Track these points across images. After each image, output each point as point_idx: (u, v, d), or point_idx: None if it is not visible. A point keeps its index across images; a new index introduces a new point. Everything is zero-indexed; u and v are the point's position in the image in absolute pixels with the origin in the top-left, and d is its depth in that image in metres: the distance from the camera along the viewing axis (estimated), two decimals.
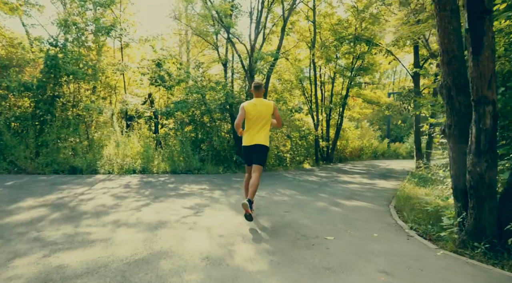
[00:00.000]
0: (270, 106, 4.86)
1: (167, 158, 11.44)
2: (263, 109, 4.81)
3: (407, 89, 16.25)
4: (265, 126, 4.87)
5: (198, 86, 13.13)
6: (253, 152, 4.89)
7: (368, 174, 12.83)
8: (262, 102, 4.88)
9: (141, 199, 6.21)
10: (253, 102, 4.89)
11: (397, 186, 9.31)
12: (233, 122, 13.87)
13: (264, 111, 4.82)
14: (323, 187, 8.57)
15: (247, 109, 4.84)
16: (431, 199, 6.08)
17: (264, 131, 4.88)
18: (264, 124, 4.85)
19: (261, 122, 4.83)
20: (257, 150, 4.85)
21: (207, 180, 9.26)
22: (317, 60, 17.71)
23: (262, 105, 4.84)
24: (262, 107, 4.82)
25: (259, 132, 4.84)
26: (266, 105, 4.85)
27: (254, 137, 4.85)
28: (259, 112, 4.80)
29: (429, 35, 13.54)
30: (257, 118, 4.82)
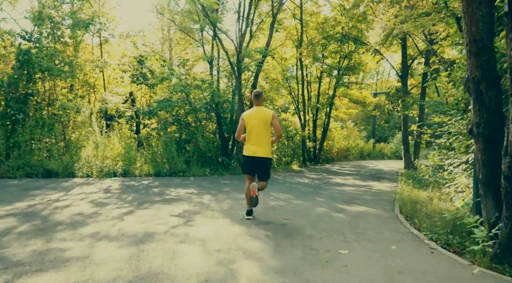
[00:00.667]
0: (269, 115, 4.80)
1: (150, 160, 10.81)
2: (262, 118, 4.77)
3: (396, 88, 16.07)
4: (265, 135, 4.81)
5: (182, 84, 12.53)
6: (257, 166, 4.88)
7: (359, 176, 12.51)
8: (261, 110, 4.84)
9: (123, 206, 5.62)
10: (252, 111, 4.88)
11: (394, 188, 8.99)
12: (219, 121, 13.40)
13: (261, 120, 4.77)
14: (318, 190, 8.14)
15: (246, 118, 4.86)
16: (446, 205, 5.72)
17: (265, 141, 4.82)
18: (264, 133, 4.79)
19: (261, 131, 4.78)
20: (261, 165, 4.87)
21: (194, 184, 8.71)
22: (304, 59, 17.34)
23: (261, 114, 4.80)
24: (260, 116, 4.78)
25: (260, 142, 4.80)
26: (265, 113, 4.81)
27: (257, 149, 4.81)
28: (258, 121, 4.77)
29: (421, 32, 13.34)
30: (256, 127, 4.78)
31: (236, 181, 9.52)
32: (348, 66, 18.34)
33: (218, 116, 12.88)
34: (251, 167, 4.92)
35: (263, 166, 4.87)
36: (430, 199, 6.46)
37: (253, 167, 4.91)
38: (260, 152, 4.80)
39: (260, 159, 4.82)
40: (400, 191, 7.57)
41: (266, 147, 4.85)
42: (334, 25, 16.82)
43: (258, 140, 4.80)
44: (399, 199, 6.74)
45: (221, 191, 7.54)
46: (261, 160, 4.82)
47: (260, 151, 4.80)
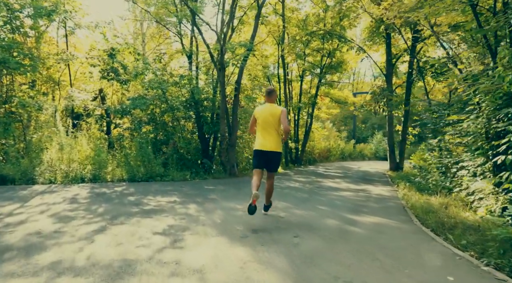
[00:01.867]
0: (278, 111, 4.92)
1: (123, 163, 9.70)
2: (271, 114, 4.90)
3: (381, 87, 15.62)
4: (273, 130, 4.92)
5: (158, 80, 11.47)
6: (268, 159, 4.95)
7: (348, 178, 11.88)
8: (272, 107, 4.98)
9: (93, 221, 4.60)
10: (263, 107, 5.03)
11: (393, 192, 8.37)
12: (199, 121, 12.42)
13: (270, 116, 4.90)
14: (314, 196, 7.36)
15: (256, 114, 5.05)
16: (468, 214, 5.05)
17: (274, 136, 4.93)
18: (272, 128, 4.91)
19: (269, 127, 4.91)
20: (271, 158, 4.95)
21: (175, 190, 7.71)
22: (286, 56, 16.62)
23: (271, 110, 4.94)
24: (270, 111, 4.92)
25: (270, 137, 4.91)
26: (274, 110, 4.93)
27: (266, 143, 4.91)
28: (267, 116, 4.90)
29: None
30: (265, 122, 4.91)
31: (221, 187, 8.60)
32: (330, 64, 17.78)
33: (198, 115, 11.91)
34: (261, 161, 4.98)
35: (272, 160, 4.97)
36: (443, 206, 5.79)
37: (262, 161, 4.98)
38: (269, 147, 4.91)
39: (270, 153, 4.92)
40: (406, 197, 6.92)
41: (276, 142, 4.95)
42: (318, 21, 16.19)
43: (268, 135, 4.92)
44: (409, 207, 6.05)
45: (207, 199, 6.61)
46: (271, 154, 4.92)
47: (269, 145, 4.91)
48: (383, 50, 17.98)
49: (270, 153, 4.92)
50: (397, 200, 7.08)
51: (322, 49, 17.60)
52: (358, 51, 16.38)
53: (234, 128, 11.30)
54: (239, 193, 7.49)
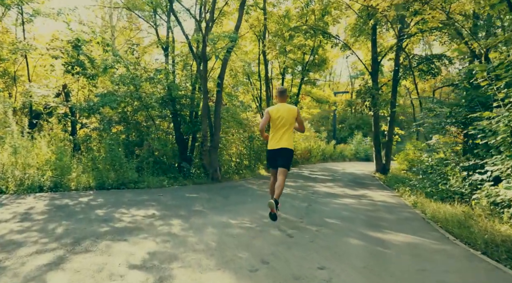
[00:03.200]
0: (294, 110, 4.97)
1: (90, 168, 8.45)
2: (287, 114, 4.91)
3: (367, 86, 15.00)
4: (288, 130, 4.95)
5: (131, 74, 10.27)
6: (279, 155, 4.96)
7: (339, 182, 11.11)
8: (285, 106, 4.99)
9: (48, 248, 3.49)
10: (277, 107, 5.01)
11: (398, 199, 7.62)
12: (177, 120, 11.28)
13: (287, 116, 4.90)
14: (315, 206, 6.46)
15: (272, 113, 4.99)
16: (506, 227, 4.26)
17: (288, 135, 4.95)
18: (287, 128, 4.94)
19: (285, 126, 4.92)
20: (283, 154, 4.94)
21: (152, 199, 6.60)
22: (268, 52, 15.72)
23: (286, 109, 4.94)
24: (285, 111, 4.92)
25: (284, 136, 4.92)
26: (290, 109, 4.96)
27: (280, 141, 4.93)
28: (282, 116, 4.89)
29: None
30: (280, 122, 4.91)
31: (205, 194, 7.55)
32: (313, 62, 17.04)
33: (175, 114, 10.79)
34: (274, 160, 5.05)
35: (284, 156, 4.95)
36: (469, 217, 5.00)
37: (275, 159, 5.02)
38: (282, 144, 4.92)
39: (283, 149, 4.93)
40: (420, 206, 6.15)
41: (289, 140, 4.97)
42: (301, 16, 15.40)
43: (282, 134, 4.92)
44: (430, 218, 5.26)
45: (192, 212, 5.56)
46: (283, 150, 4.93)
47: (282, 143, 4.92)
48: (366, 49, 17.48)
49: (283, 150, 4.93)
50: (409, 208, 6.28)
51: (304, 45, 16.86)
52: (343, 47, 15.70)
53: (216, 128, 10.25)
54: (228, 203, 6.48)
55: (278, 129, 4.94)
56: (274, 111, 4.97)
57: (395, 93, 14.93)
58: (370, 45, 17.15)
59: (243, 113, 13.82)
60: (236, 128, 12.94)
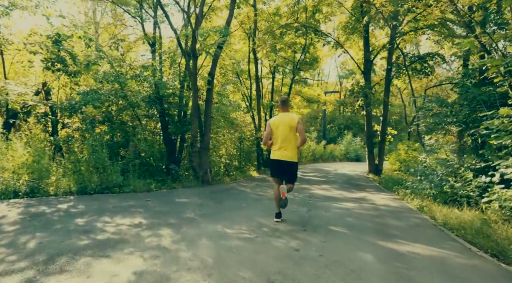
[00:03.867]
0: (294, 120, 4.94)
1: (71, 171, 7.85)
2: (288, 123, 4.91)
3: (360, 85, 14.69)
4: (291, 140, 4.93)
5: (116, 71, 9.70)
6: (284, 170, 4.96)
7: (334, 183, 10.73)
8: (286, 116, 4.99)
9: (16, 268, 2.96)
10: (279, 117, 5.03)
11: (399, 202, 7.26)
12: (163, 120, 10.74)
13: (288, 126, 4.91)
14: (316, 211, 6.03)
15: (273, 124, 5.04)
16: None
17: (291, 146, 4.93)
18: (290, 138, 4.92)
19: (286, 136, 4.92)
20: (288, 169, 4.94)
21: (138, 205, 6.08)
22: (259, 50, 15.27)
23: (286, 119, 4.95)
24: (286, 121, 4.93)
25: (286, 147, 4.91)
26: (290, 119, 4.95)
27: (283, 153, 4.91)
28: (283, 126, 4.92)
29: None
30: (280, 132, 4.93)
31: (196, 199, 7.05)
32: (304, 60, 16.66)
33: (162, 113, 10.24)
34: (278, 170, 5.03)
35: (290, 170, 4.98)
36: (485, 223, 4.64)
37: (280, 171, 5.02)
38: (286, 156, 4.90)
39: (287, 163, 4.92)
40: (427, 210, 5.78)
41: (293, 151, 4.94)
42: (292, 13, 15.00)
43: (284, 144, 4.92)
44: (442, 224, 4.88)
45: (183, 220, 5.06)
46: (287, 164, 4.93)
47: (286, 155, 4.90)
48: (357, 48, 17.19)
49: (287, 164, 4.92)
50: (415, 213, 5.89)
51: (295, 44, 16.48)
52: (335, 46, 15.35)
53: (207, 127, 9.74)
54: (221, 209, 5.99)
55: (279, 139, 4.97)
56: (274, 122, 5.04)
57: (388, 92, 14.65)
58: (361, 44, 16.87)
59: (233, 113, 13.32)
60: (227, 128, 12.44)
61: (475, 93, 7.62)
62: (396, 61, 14.70)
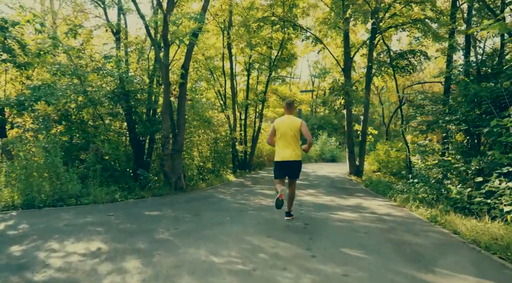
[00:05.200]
0: (298, 123, 5.03)
1: (17, 180, 6.56)
2: (291, 126, 4.99)
3: (340, 83, 14.01)
4: (294, 141, 5.00)
5: (74, 63, 8.44)
6: (289, 168, 5.03)
7: (318, 187, 9.92)
8: (290, 119, 5.07)
9: None
10: (282, 119, 5.12)
11: (401, 210, 6.49)
12: (130, 119, 9.56)
13: (292, 128, 4.98)
14: (314, 225, 5.10)
15: (277, 125, 5.10)
16: None
17: (294, 147, 5.00)
18: (293, 139, 4.98)
19: (290, 138, 4.97)
20: (292, 167, 5.02)
21: (98, 222, 4.95)
22: (234, 44, 14.28)
23: (290, 121, 5.03)
24: (290, 124, 5.01)
25: (291, 147, 4.97)
26: (294, 121, 5.03)
27: (287, 153, 4.98)
28: (287, 129, 4.98)
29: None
30: (286, 134, 4.98)
31: (169, 211, 5.98)
32: (281, 57, 15.84)
33: (129, 111, 9.06)
34: (282, 172, 5.08)
35: (293, 168, 5.05)
36: None
37: (283, 171, 5.07)
38: (291, 157, 4.95)
39: (291, 162, 4.98)
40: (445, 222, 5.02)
41: (296, 152, 5.00)
42: (270, 5, 14.13)
43: (289, 145, 4.98)
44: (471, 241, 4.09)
45: (156, 242, 4.00)
46: (292, 163, 4.99)
47: (291, 155, 4.95)
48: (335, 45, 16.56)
49: (291, 162, 4.98)
50: (429, 225, 5.06)
51: (272, 39, 15.64)
52: (314, 41, 14.61)
53: (180, 127, 8.62)
54: (201, 224, 4.97)
55: (284, 141, 5.01)
56: (278, 124, 5.08)
57: (369, 90, 14.09)
58: (339, 41, 16.28)
59: (208, 111, 12.24)
60: (202, 128, 11.34)
61: (477, 89, 7.00)
62: (378, 58, 14.16)
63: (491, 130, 6.18)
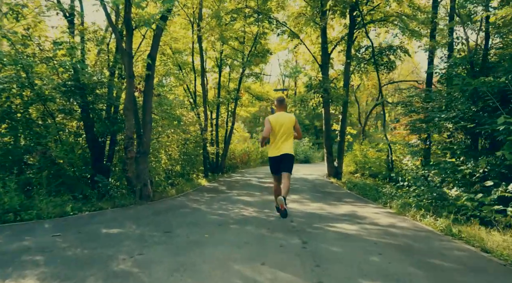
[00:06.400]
0: (292, 119, 5.16)
1: None
2: (285, 122, 5.09)
3: (318, 80, 13.30)
4: (288, 137, 5.13)
5: (16, 51, 7.12)
6: (282, 161, 5.07)
7: (300, 191, 9.12)
8: (284, 115, 5.19)
9: None
10: (276, 116, 5.20)
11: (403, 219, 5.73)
12: (86, 117, 8.29)
13: (287, 124, 5.09)
14: (314, 245, 4.17)
15: (272, 121, 5.12)
16: None
17: (288, 142, 5.13)
18: (287, 135, 5.11)
19: (285, 134, 5.08)
20: (285, 159, 5.07)
21: (38, 247, 3.81)
22: (205, 36, 13.22)
23: (284, 118, 5.14)
24: (284, 120, 5.10)
25: (284, 143, 5.08)
26: (288, 118, 5.15)
27: (281, 148, 5.08)
28: (282, 125, 5.07)
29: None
30: (280, 130, 5.07)
31: (132, 226, 4.90)
32: (255, 52, 14.95)
33: (85, 108, 7.82)
34: (277, 166, 5.13)
35: (287, 161, 5.08)
36: None
37: (278, 166, 5.10)
38: (284, 150, 5.05)
39: (285, 155, 5.05)
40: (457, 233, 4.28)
41: (290, 146, 5.13)
42: None
43: (283, 141, 5.07)
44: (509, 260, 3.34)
45: (114, 276, 2.96)
46: (285, 155, 5.05)
47: (284, 149, 5.05)
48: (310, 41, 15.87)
49: (285, 155, 5.03)
50: (449, 241, 4.28)
51: (244, 33, 14.74)
52: (290, 36, 13.82)
53: (146, 126, 7.48)
54: (174, 246, 3.95)
55: (278, 137, 5.09)
56: (274, 121, 5.13)
57: (348, 88, 13.48)
58: (314, 38, 15.63)
59: (177, 110, 11.09)
60: (173, 127, 10.16)
61: (477, 84, 6.39)
62: (356, 54, 13.60)
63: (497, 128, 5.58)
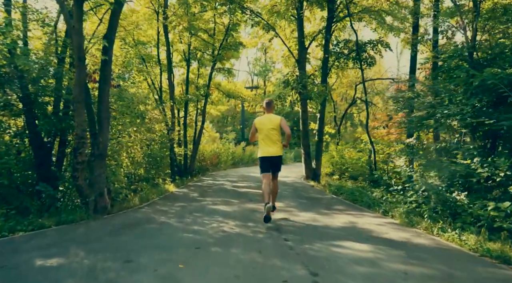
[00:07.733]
0: (278, 120, 5.44)
1: None
2: (272, 123, 5.42)
3: (295, 75, 12.40)
4: (276, 138, 5.42)
5: None
6: (271, 163, 5.45)
7: (283, 198, 8.06)
8: (271, 117, 5.51)
9: None
10: (263, 118, 5.58)
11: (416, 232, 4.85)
12: (28, 111, 6.81)
13: (273, 125, 5.41)
14: (325, 276, 3.20)
15: (258, 124, 5.53)
16: None
17: (276, 143, 5.43)
18: (274, 136, 5.41)
19: (272, 135, 5.38)
20: (274, 161, 5.48)
21: None
22: (172, 25, 11.96)
23: (271, 119, 5.46)
24: (270, 121, 5.44)
25: (272, 144, 5.40)
26: (274, 119, 5.46)
27: (269, 149, 5.41)
28: (268, 126, 5.41)
29: None
30: (267, 131, 5.38)
31: (80, 254, 3.68)
32: (227, 45, 13.85)
33: (27, 101, 6.41)
34: (267, 165, 5.44)
35: (275, 162, 5.50)
36: None
37: (268, 165, 5.44)
38: (273, 152, 5.41)
39: (274, 157, 5.44)
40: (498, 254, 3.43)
41: (278, 147, 5.44)
42: None
43: (270, 142, 5.40)
44: None
45: None
46: (274, 158, 5.45)
47: (273, 151, 5.41)
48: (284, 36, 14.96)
49: (274, 158, 5.43)
50: (491, 265, 3.36)
51: (215, 24, 13.64)
52: (265, 28, 12.82)
53: (103, 124, 6.16)
54: None
55: (265, 138, 5.40)
56: (260, 122, 5.50)
57: (326, 84, 12.68)
58: (288, 33, 14.77)
59: (141, 106, 9.73)
60: (135, 125, 8.78)
61: (487, 76, 5.67)
62: (335, 49, 12.86)
63: None
